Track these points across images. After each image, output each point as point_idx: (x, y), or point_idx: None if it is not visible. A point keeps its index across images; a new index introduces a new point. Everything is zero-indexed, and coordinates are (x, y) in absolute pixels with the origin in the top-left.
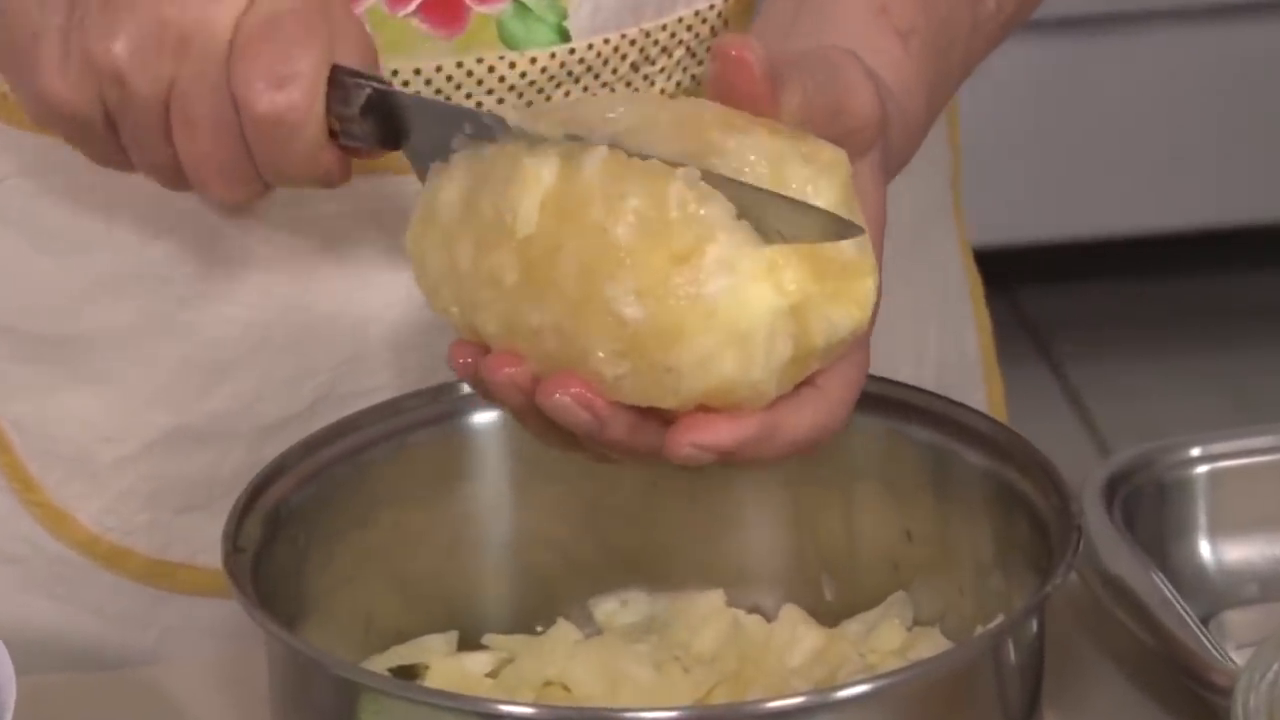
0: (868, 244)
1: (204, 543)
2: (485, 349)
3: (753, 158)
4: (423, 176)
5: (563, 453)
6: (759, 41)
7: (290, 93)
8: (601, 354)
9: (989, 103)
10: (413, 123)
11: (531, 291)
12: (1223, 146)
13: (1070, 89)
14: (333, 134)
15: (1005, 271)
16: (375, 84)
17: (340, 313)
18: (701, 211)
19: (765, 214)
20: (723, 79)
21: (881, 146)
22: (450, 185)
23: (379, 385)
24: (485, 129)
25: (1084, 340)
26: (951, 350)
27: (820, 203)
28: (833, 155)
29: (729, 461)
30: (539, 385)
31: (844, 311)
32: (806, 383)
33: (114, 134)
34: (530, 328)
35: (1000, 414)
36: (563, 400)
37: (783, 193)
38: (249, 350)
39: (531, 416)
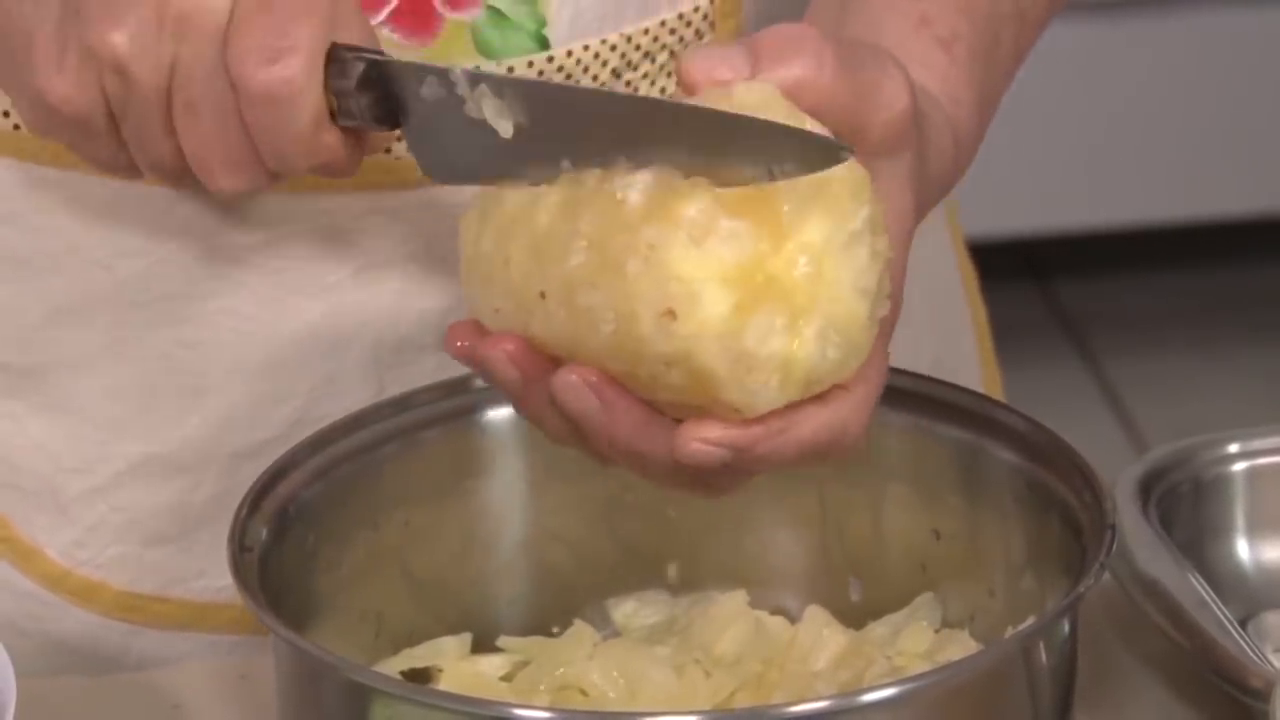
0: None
1: (176, 574)
2: (484, 330)
3: None
4: (422, 161)
5: (559, 444)
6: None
7: (284, 67)
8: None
9: (1025, 88)
10: (410, 96)
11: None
12: (1267, 132)
13: (1109, 73)
14: (333, 115)
15: (1041, 263)
16: (373, 55)
17: (315, 334)
18: None
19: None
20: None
21: (914, 156)
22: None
23: (356, 406)
24: (487, 84)
25: (1122, 334)
26: (945, 347)
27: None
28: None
29: (741, 465)
30: (556, 372)
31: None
32: None
33: (115, 131)
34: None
35: None
36: (570, 380)
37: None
38: (221, 375)
39: (529, 399)
